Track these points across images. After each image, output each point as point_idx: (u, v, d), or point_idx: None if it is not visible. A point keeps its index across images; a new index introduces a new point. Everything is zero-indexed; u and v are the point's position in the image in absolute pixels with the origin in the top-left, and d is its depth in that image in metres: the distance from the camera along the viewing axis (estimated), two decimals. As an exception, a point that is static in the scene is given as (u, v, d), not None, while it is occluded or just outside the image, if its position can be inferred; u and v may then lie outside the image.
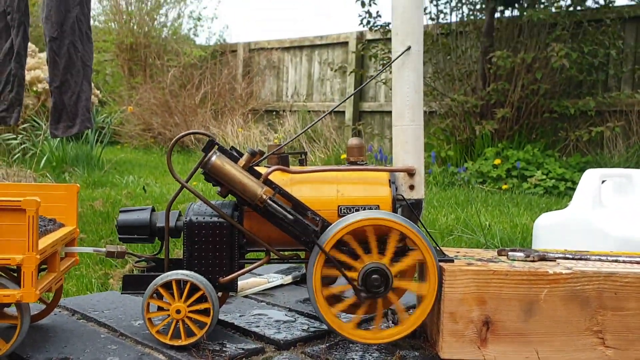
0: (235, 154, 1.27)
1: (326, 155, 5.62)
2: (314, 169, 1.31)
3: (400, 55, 1.29)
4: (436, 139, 5.13)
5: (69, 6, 2.39)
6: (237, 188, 1.22)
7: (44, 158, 4.60)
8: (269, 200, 1.21)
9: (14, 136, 4.95)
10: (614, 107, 4.59)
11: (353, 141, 1.36)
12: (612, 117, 4.56)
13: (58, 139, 4.95)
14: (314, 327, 1.37)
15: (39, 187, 1.33)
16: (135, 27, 7.87)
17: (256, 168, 1.27)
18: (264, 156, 1.31)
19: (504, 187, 4.31)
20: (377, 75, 1.33)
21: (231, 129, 6.32)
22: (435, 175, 4.65)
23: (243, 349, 1.24)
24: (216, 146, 1.24)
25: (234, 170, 1.21)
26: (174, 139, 1.24)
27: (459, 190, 4.28)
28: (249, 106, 7.08)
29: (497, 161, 4.54)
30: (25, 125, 5.03)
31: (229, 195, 1.26)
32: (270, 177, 1.26)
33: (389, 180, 1.30)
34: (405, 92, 1.31)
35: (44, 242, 1.16)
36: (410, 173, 1.32)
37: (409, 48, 1.29)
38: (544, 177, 4.32)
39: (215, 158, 1.21)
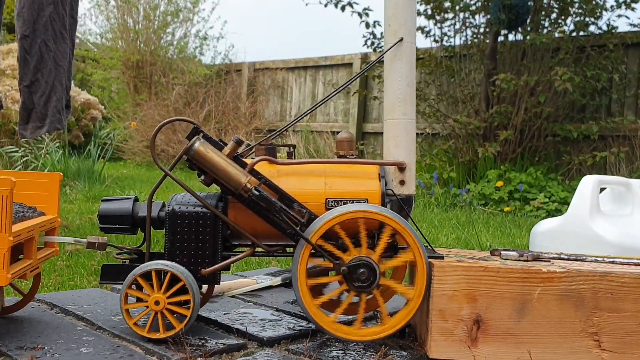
0: (222, 143, 1.24)
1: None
2: (302, 161, 1.27)
3: (392, 47, 1.27)
4: (439, 161, 5.09)
5: (42, 4, 2.28)
6: (220, 176, 1.18)
7: (45, 171, 4.58)
8: (254, 190, 1.17)
9: (16, 149, 4.95)
10: (617, 132, 4.56)
11: (343, 134, 1.33)
12: (615, 141, 4.52)
13: (60, 152, 4.95)
14: (300, 326, 1.32)
15: (21, 174, 1.30)
16: (142, 45, 7.95)
17: (243, 160, 1.24)
18: (251, 146, 1.28)
19: (506, 209, 4.25)
20: (368, 69, 1.30)
21: (234, 148, 6.31)
22: (437, 196, 4.60)
23: (224, 344, 1.19)
24: (200, 133, 1.21)
25: (218, 158, 1.18)
26: (159, 125, 1.21)
27: (460, 211, 4.23)
28: (252, 125, 7.09)
29: (500, 183, 4.50)
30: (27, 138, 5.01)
31: (214, 185, 1.23)
32: (256, 167, 1.23)
33: (379, 174, 1.26)
34: (397, 84, 1.28)
35: (20, 226, 1.13)
36: (401, 168, 1.28)
37: (401, 39, 1.26)
38: (547, 200, 4.27)
39: (199, 144, 1.18)
